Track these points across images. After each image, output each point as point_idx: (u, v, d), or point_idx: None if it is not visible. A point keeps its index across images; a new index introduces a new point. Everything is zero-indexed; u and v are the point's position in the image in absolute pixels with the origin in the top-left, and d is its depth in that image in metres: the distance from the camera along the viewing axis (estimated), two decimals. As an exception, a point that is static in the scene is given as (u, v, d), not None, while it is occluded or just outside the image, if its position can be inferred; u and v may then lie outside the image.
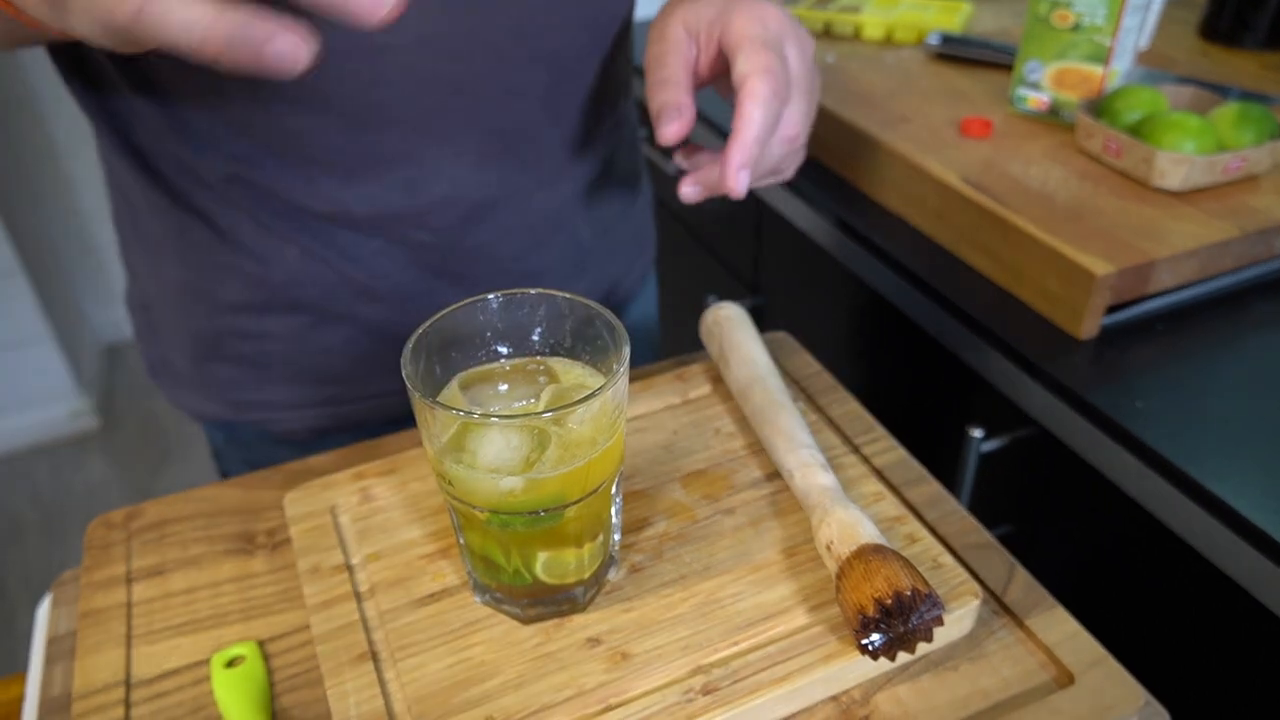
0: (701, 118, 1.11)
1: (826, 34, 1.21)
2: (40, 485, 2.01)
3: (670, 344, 1.36)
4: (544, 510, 0.41)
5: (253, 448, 0.73)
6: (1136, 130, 0.80)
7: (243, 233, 0.61)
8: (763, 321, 1.16)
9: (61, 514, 1.95)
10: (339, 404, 0.69)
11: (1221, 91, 0.89)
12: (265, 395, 0.69)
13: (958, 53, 1.05)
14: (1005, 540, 0.52)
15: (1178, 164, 0.75)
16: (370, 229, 0.61)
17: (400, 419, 0.70)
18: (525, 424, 0.41)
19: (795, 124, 0.53)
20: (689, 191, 0.55)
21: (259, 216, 0.60)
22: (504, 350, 0.46)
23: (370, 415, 0.70)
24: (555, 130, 0.63)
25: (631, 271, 0.79)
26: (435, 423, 0.40)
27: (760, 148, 0.50)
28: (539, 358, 0.46)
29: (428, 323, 0.42)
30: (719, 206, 1.22)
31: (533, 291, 0.44)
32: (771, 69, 0.49)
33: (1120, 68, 0.87)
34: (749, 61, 0.50)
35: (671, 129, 0.51)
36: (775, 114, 0.50)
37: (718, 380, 0.61)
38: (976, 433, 0.77)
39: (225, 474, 0.78)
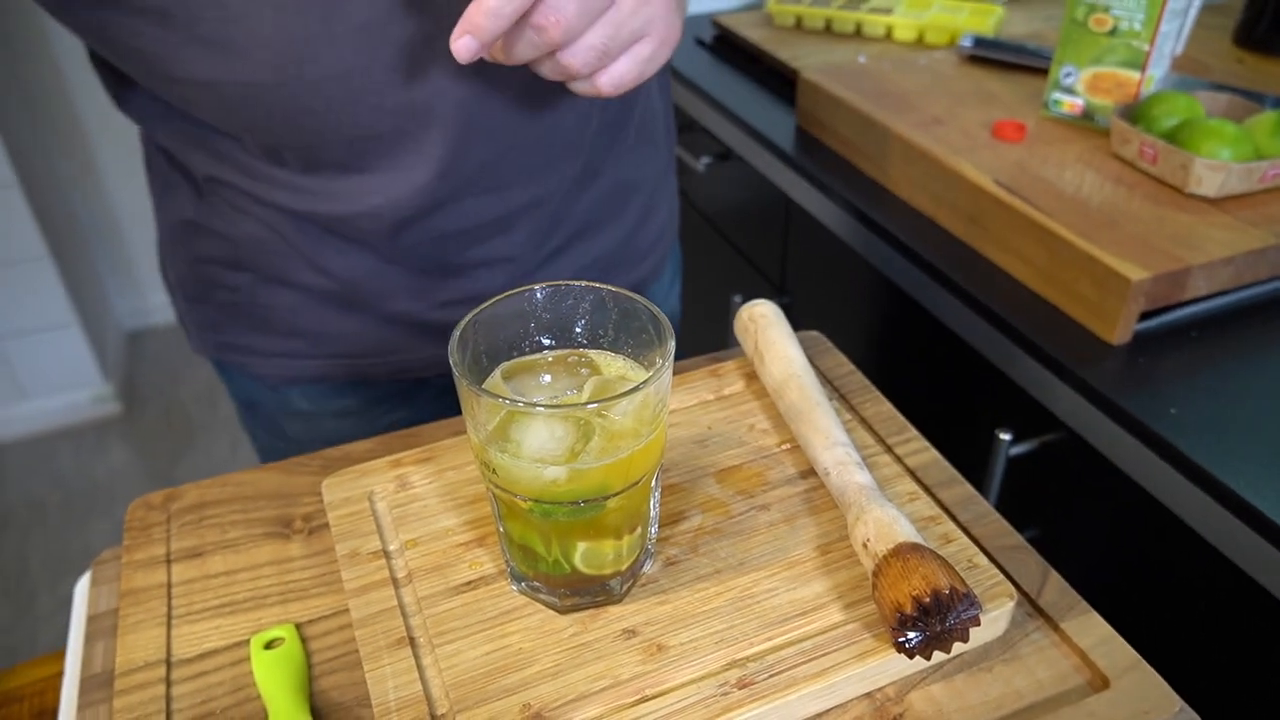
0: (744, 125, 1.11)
1: (858, 34, 1.21)
2: (63, 469, 2.03)
3: (697, 342, 1.37)
4: (585, 501, 0.42)
5: (241, 386, 0.79)
6: (1173, 136, 0.79)
7: (215, 199, 0.66)
8: (789, 321, 1.16)
9: (83, 498, 1.96)
10: (300, 357, 0.73)
11: (1258, 99, 0.89)
12: (240, 339, 0.74)
13: (990, 55, 1.05)
14: (1032, 544, 0.52)
15: (1215, 171, 0.75)
16: (319, 223, 0.64)
17: (358, 380, 0.76)
18: (570, 414, 0.41)
19: (548, 15, 0.46)
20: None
21: (226, 194, 0.65)
22: (547, 342, 0.46)
23: (332, 371, 0.74)
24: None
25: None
26: (481, 411, 0.41)
27: (493, 22, 0.45)
28: (580, 350, 0.47)
29: (474, 312, 0.43)
30: (746, 205, 1.22)
31: (578, 284, 0.44)
32: None
33: (1156, 73, 0.86)
34: None
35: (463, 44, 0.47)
36: None
37: (751, 377, 0.61)
38: (1005, 436, 0.77)
39: (240, 418, 0.84)
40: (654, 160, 0.77)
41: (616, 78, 0.51)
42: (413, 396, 0.79)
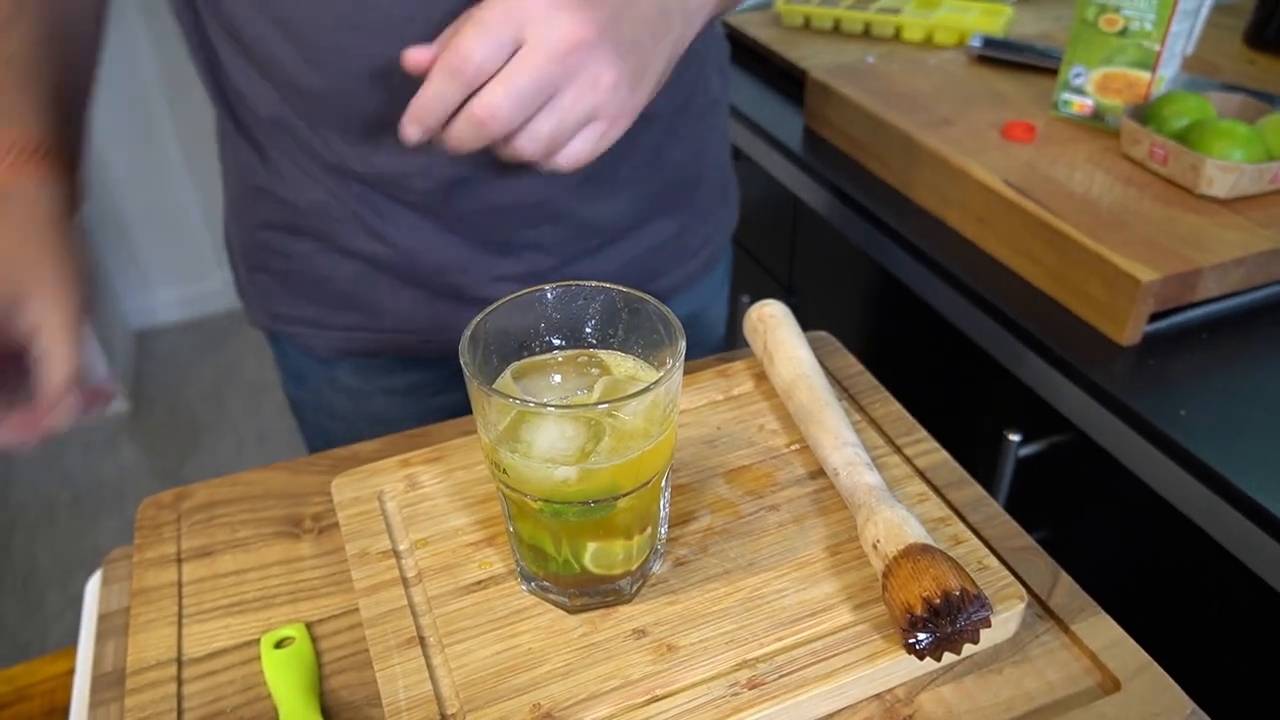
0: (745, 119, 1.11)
1: (866, 34, 1.21)
2: (71, 468, 2.04)
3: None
4: (596, 501, 0.42)
5: (293, 359, 0.80)
6: (1183, 137, 0.79)
7: (283, 165, 0.67)
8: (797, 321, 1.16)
9: (92, 496, 1.97)
10: (356, 330, 0.74)
11: (1269, 100, 0.89)
12: (296, 310, 0.74)
13: (1000, 55, 1.05)
14: (1041, 546, 0.52)
15: (1226, 172, 0.75)
16: (376, 184, 0.65)
17: (409, 359, 0.76)
18: (581, 415, 0.41)
19: (484, 109, 0.48)
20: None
21: (294, 156, 0.66)
22: (557, 342, 0.46)
23: (385, 346, 0.75)
24: None
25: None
26: (492, 411, 0.41)
27: (427, 116, 0.49)
28: (590, 350, 0.47)
29: (485, 312, 0.43)
30: (755, 205, 1.22)
31: (589, 284, 0.45)
32: (453, 45, 0.47)
33: (1167, 74, 0.86)
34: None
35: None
36: (447, 89, 0.48)
37: (760, 377, 0.61)
38: (1014, 437, 0.77)
39: (288, 393, 0.84)
40: (715, 149, 0.77)
41: (572, 157, 0.52)
42: (462, 378, 0.79)
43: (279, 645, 0.47)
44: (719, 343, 0.88)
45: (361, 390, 0.78)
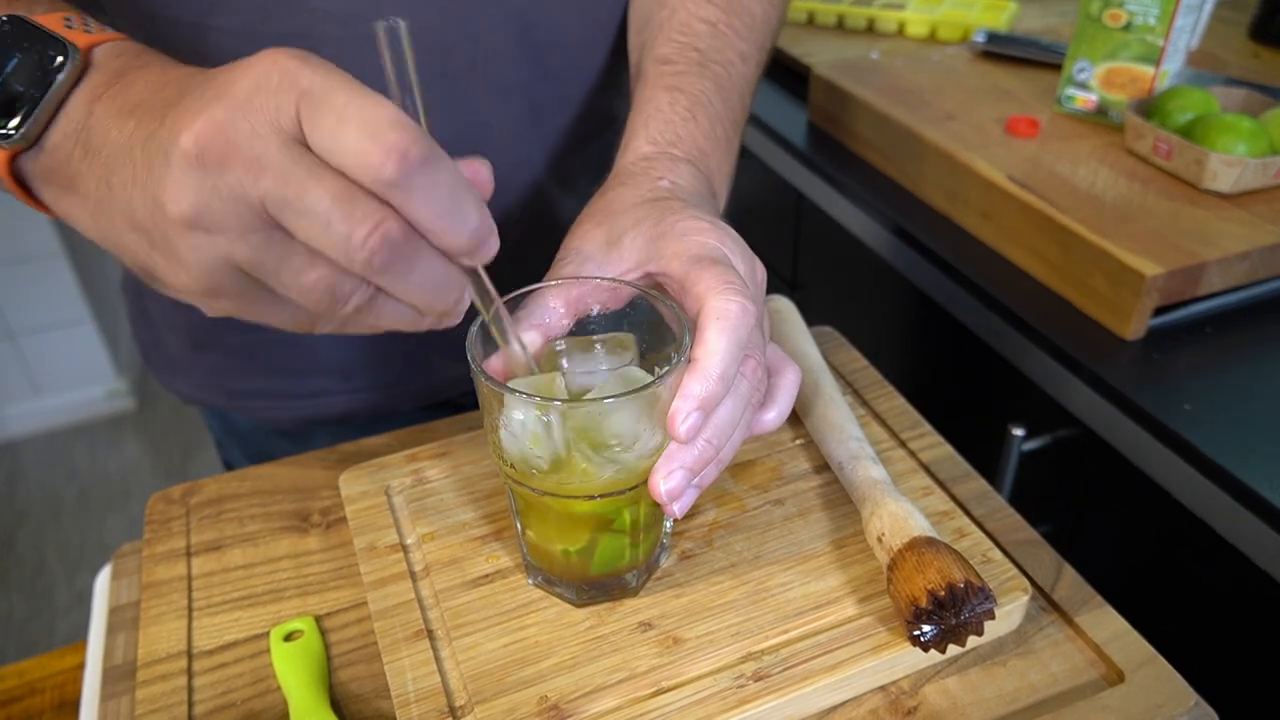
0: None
1: (870, 30, 1.21)
2: (78, 464, 2.05)
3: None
4: (603, 495, 0.42)
5: (247, 437, 0.75)
6: (1188, 132, 0.79)
7: None
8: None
9: (98, 492, 1.98)
10: (324, 395, 0.70)
11: (1273, 94, 0.88)
12: (254, 384, 0.70)
13: (1004, 51, 1.05)
14: (1045, 539, 0.53)
15: (1230, 166, 0.75)
16: None
17: (385, 414, 0.72)
18: (589, 409, 0.41)
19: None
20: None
21: None
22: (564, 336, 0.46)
23: (358, 408, 0.71)
24: (537, 129, 0.63)
25: None
26: (498, 405, 0.41)
27: (725, 387, 0.38)
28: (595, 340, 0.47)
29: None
30: (759, 201, 1.22)
31: (594, 279, 0.45)
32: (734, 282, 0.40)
33: (1171, 68, 0.86)
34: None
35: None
36: (742, 341, 0.39)
37: (765, 372, 0.62)
38: (1018, 431, 0.77)
39: (226, 463, 0.80)
40: None
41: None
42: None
43: (288, 638, 0.48)
44: None
45: None
